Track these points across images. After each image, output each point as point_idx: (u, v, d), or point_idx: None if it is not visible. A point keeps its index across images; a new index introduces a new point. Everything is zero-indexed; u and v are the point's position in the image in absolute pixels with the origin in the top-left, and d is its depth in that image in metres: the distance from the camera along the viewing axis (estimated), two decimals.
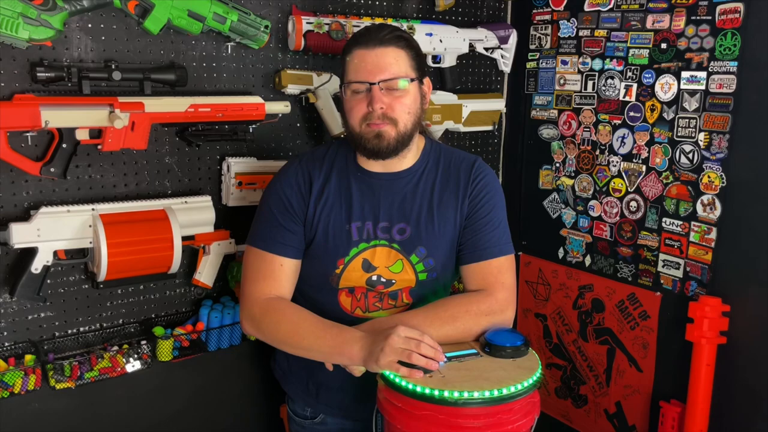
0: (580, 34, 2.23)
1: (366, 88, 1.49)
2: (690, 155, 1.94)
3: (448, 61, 2.22)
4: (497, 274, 1.56)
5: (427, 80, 1.59)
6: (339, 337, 1.44)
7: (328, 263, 1.57)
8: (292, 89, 1.98)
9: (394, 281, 1.57)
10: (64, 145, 1.66)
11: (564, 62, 2.28)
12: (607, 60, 2.15)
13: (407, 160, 1.60)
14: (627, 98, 2.10)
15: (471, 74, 2.43)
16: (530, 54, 2.40)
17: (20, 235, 1.62)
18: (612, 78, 2.14)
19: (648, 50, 2.03)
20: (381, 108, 1.49)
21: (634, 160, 2.09)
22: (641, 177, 2.08)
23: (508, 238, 1.61)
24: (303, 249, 1.59)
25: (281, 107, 1.96)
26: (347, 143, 1.63)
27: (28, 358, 1.70)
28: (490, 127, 2.42)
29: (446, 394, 1.25)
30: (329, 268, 1.57)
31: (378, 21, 2.07)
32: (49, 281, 1.74)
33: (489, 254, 1.57)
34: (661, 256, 2.04)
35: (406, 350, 1.33)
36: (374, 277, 1.56)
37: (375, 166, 1.59)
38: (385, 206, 1.57)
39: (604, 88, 2.17)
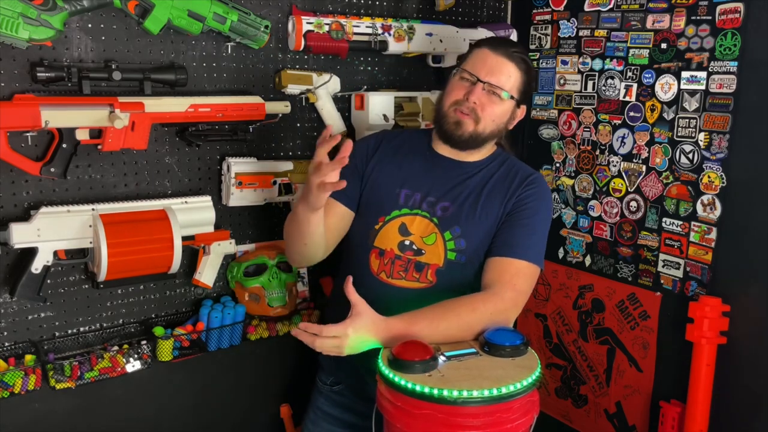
0: (580, 34, 2.23)
1: (472, 81, 1.64)
2: (690, 155, 1.94)
3: (448, 62, 2.22)
4: (514, 274, 1.59)
5: (523, 107, 1.72)
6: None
7: (371, 218, 1.70)
8: (292, 89, 1.99)
9: (423, 251, 1.65)
10: (64, 145, 1.66)
11: (564, 62, 2.28)
12: (607, 60, 2.15)
13: (474, 156, 1.72)
14: (627, 98, 2.10)
15: None
16: (530, 54, 2.39)
17: (20, 235, 1.62)
18: (612, 78, 2.14)
19: (648, 50, 2.03)
20: (474, 103, 1.63)
21: (634, 160, 2.09)
22: (641, 177, 2.08)
23: (539, 250, 1.65)
24: (355, 200, 1.73)
25: (281, 107, 1.96)
26: (422, 132, 1.83)
27: (28, 358, 1.70)
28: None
29: (445, 393, 1.26)
30: (370, 223, 1.69)
31: (378, 21, 2.07)
32: (49, 281, 1.74)
33: (514, 253, 1.61)
34: (661, 256, 2.03)
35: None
36: (407, 242, 1.66)
37: (444, 151, 1.73)
38: (438, 184, 1.69)
39: (604, 88, 2.17)
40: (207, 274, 1.93)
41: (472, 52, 1.68)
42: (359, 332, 1.43)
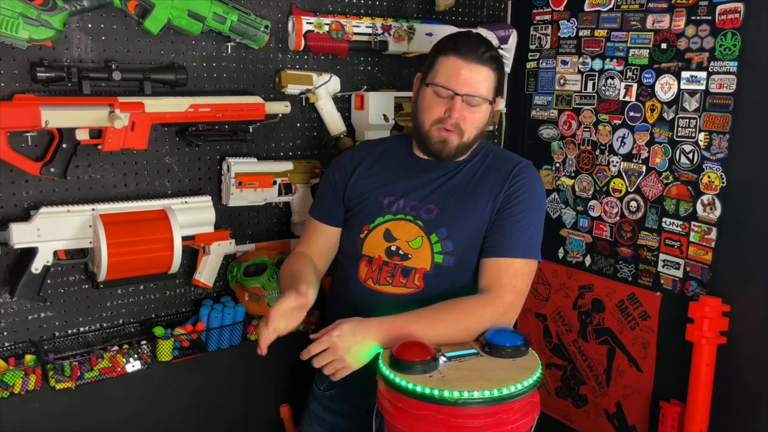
0: (580, 34, 2.22)
1: (449, 96, 1.58)
2: (690, 155, 1.94)
3: None
4: (513, 275, 1.57)
5: (498, 98, 1.69)
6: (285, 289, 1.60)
7: (356, 228, 1.70)
8: (292, 89, 1.98)
9: (410, 256, 1.63)
10: (64, 145, 1.66)
11: (564, 62, 2.28)
12: (607, 60, 2.15)
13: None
14: (627, 98, 2.10)
15: None
16: (530, 54, 2.39)
17: (20, 235, 1.62)
18: (612, 78, 2.14)
19: (648, 50, 2.03)
20: (457, 118, 1.58)
21: (634, 160, 2.09)
22: (641, 177, 2.08)
23: (535, 244, 1.62)
24: (341, 218, 1.75)
25: (281, 107, 1.96)
26: (402, 138, 1.80)
27: (28, 358, 1.70)
28: (490, 127, 2.42)
29: (446, 393, 1.26)
30: (356, 233, 1.69)
31: (378, 21, 2.07)
32: (49, 281, 1.74)
33: (510, 252, 1.58)
34: (661, 256, 2.03)
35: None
36: (393, 248, 1.65)
37: (426, 156, 1.71)
38: (422, 187, 1.67)
39: (604, 88, 2.17)
40: (207, 274, 1.93)
41: (439, 61, 1.61)
42: (345, 336, 1.45)
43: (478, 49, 1.58)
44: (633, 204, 2.11)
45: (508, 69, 2.40)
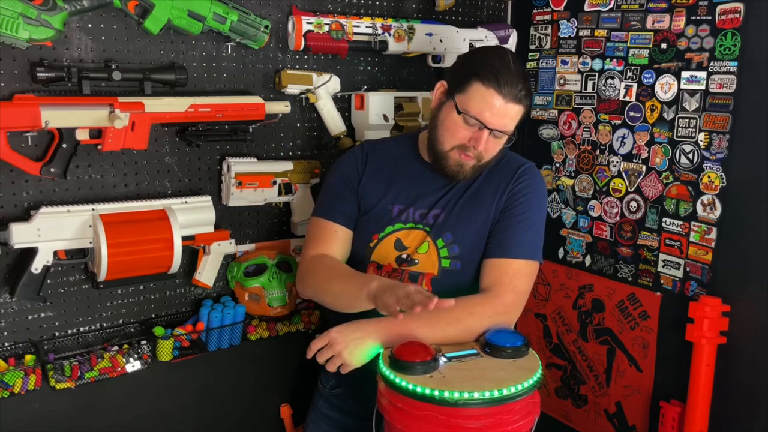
0: (580, 34, 2.22)
1: (477, 126, 1.55)
2: (690, 155, 1.94)
3: (448, 61, 2.22)
4: (513, 275, 1.57)
5: None
6: (361, 278, 1.54)
7: (365, 236, 1.68)
8: (292, 89, 1.98)
9: (417, 261, 1.63)
10: (64, 145, 1.65)
11: (564, 62, 2.28)
12: (607, 60, 2.15)
13: None
14: (627, 98, 2.10)
15: None
16: (530, 54, 2.39)
17: (20, 235, 1.62)
18: (612, 78, 2.14)
19: (648, 50, 2.03)
20: (481, 150, 1.57)
21: (634, 160, 2.09)
22: (641, 177, 2.08)
23: (536, 245, 1.63)
24: (354, 218, 1.71)
25: (281, 107, 1.96)
26: (406, 139, 1.78)
27: (28, 358, 1.70)
28: None
29: (446, 394, 1.26)
30: (365, 241, 1.68)
31: (378, 21, 2.06)
32: (49, 281, 1.74)
33: (512, 253, 1.59)
34: (661, 256, 2.03)
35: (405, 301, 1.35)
36: (404, 256, 1.65)
37: None
38: (429, 193, 1.67)
39: (604, 88, 2.16)
40: (207, 274, 1.93)
41: (474, 87, 1.53)
42: (344, 331, 1.46)
43: (517, 86, 1.53)
44: (633, 204, 2.11)
45: None
